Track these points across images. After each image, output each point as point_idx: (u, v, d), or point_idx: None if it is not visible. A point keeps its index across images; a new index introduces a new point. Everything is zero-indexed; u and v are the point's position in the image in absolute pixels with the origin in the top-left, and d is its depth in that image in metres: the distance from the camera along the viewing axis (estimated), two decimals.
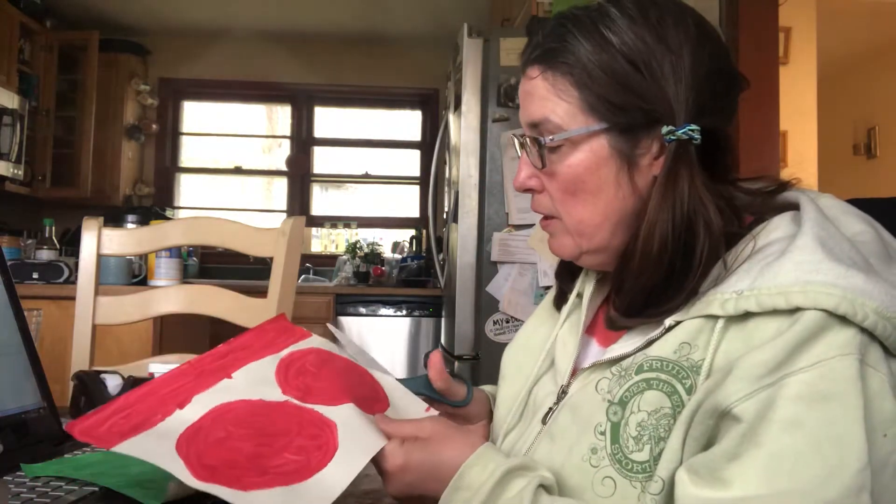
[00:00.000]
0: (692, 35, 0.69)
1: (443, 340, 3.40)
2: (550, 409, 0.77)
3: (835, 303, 0.57)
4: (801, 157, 3.70)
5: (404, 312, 4.05)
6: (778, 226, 0.67)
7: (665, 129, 0.68)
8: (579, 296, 0.82)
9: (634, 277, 0.68)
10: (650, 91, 0.67)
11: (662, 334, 0.67)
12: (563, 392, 0.76)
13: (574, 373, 0.77)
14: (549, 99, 0.71)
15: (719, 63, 0.71)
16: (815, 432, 0.55)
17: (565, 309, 0.83)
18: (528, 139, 0.73)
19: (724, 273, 0.66)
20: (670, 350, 0.65)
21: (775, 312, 0.60)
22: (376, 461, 0.70)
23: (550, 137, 0.71)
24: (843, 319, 0.57)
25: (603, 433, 0.67)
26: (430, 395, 0.84)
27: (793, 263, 0.60)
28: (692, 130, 0.67)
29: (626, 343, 0.70)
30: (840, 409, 0.56)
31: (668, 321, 0.66)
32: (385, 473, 0.70)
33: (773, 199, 0.71)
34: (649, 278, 0.67)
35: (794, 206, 0.69)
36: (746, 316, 0.61)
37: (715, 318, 0.63)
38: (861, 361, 0.57)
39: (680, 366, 0.64)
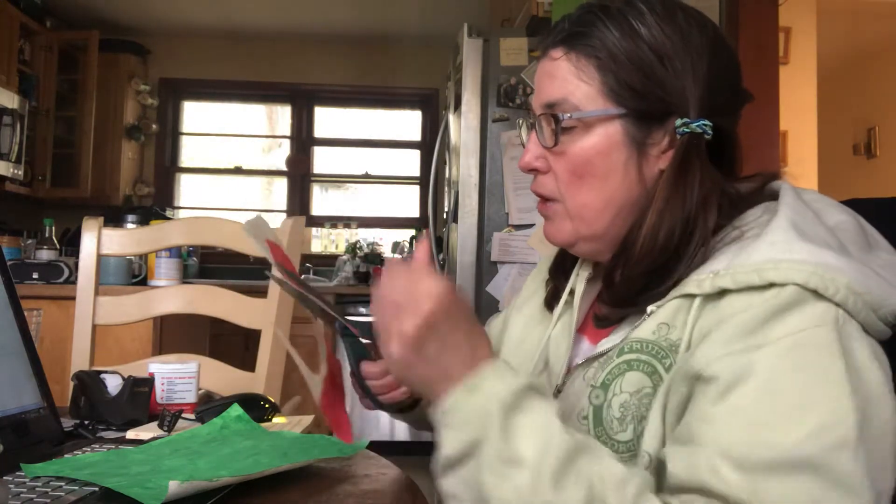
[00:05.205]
0: (712, 44, 0.72)
1: None
2: None
3: (805, 277, 0.59)
4: (801, 157, 3.70)
5: None
6: (757, 215, 0.69)
7: (679, 122, 0.69)
8: (571, 294, 0.83)
9: (633, 264, 0.69)
10: (670, 82, 0.69)
11: (644, 320, 0.69)
12: (557, 391, 0.77)
13: (568, 371, 0.78)
14: (569, 80, 0.72)
15: (732, 73, 0.74)
16: (797, 399, 0.56)
17: (557, 310, 0.84)
18: (541, 118, 0.74)
19: (701, 259, 0.67)
20: (649, 331, 0.67)
21: (749, 289, 0.61)
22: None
23: (568, 115, 0.71)
24: (817, 295, 0.59)
25: (586, 418, 0.69)
26: (374, 340, 0.72)
27: (766, 244, 0.63)
28: (705, 125, 0.69)
29: (615, 337, 0.72)
30: (821, 374, 0.56)
31: (650, 308, 0.68)
32: (414, 300, 0.60)
33: (762, 192, 0.74)
34: (648, 266, 0.68)
35: (777, 197, 0.71)
36: (721, 294, 0.63)
37: (692, 297, 0.65)
38: (839, 333, 0.58)
39: (659, 346, 0.66)
